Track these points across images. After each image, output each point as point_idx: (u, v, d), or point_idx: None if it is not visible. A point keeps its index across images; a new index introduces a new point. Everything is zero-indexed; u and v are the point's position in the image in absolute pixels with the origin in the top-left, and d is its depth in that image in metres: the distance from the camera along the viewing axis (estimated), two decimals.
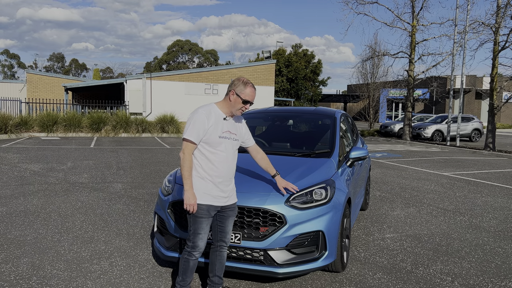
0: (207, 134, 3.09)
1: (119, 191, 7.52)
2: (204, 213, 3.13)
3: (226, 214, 3.28)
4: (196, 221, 3.13)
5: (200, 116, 3.10)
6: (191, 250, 3.17)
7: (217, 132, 3.13)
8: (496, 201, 7.49)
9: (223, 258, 3.38)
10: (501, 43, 16.31)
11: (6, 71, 72.99)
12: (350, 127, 6.03)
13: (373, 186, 8.59)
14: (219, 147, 3.15)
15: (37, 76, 27.23)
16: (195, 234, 3.14)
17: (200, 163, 3.15)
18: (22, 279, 3.76)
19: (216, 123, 3.14)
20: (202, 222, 3.14)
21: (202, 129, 3.08)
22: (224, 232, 3.31)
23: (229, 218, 3.30)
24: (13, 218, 5.62)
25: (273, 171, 3.62)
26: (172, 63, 63.52)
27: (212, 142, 3.12)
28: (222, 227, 3.30)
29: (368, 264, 4.30)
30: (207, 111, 3.14)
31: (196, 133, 3.07)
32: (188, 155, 3.08)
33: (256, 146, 3.60)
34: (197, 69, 25.37)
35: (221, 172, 3.17)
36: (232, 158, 3.25)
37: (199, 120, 3.08)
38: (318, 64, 37.76)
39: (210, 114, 3.13)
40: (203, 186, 3.13)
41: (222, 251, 3.36)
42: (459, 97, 20.66)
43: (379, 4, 21.38)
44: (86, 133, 19.61)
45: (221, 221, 3.29)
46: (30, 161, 10.82)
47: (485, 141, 16.96)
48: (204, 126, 3.08)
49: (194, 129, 3.07)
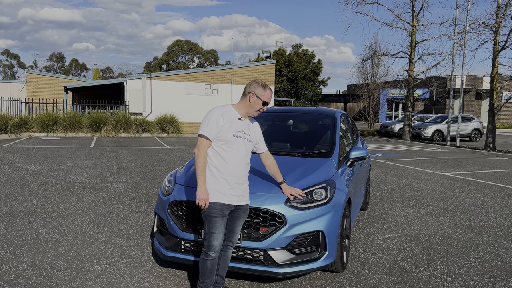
0: (221, 131, 3.16)
1: (119, 191, 7.52)
2: (218, 212, 3.14)
3: (237, 215, 3.29)
4: (210, 220, 3.15)
5: (215, 113, 3.19)
6: (207, 250, 3.19)
7: (232, 130, 3.19)
8: (496, 201, 7.48)
9: (228, 258, 3.38)
10: (501, 43, 16.31)
11: (7, 71, 72.99)
12: (350, 127, 6.03)
13: (373, 186, 8.59)
14: (233, 145, 3.20)
15: (37, 76, 27.21)
16: (210, 234, 3.16)
17: (214, 161, 3.19)
18: (22, 279, 3.76)
19: (231, 121, 3.21)
20: (216, 221, 3.15)
21: (216, 125, 3.14)
22: (232, 232, 3.33)
23: (240, 219, 3.32)
24: (13, 218, 5.62)
25: (280, 178, 3.65)
26: (172, 63, 63.53)
27: (226, 140, 3.17)
28: (232, 227, 3.31)
29: (368, 264, 4.30)
30: (222, 110, 3.23)
31: (210, 129, 3.14)
32: (202, 151, 3.14)
33: (268, 152, 3.64)
34: (197, 69, 25.36)
35: (234, 170, 3.19)
36: (244, 157, 3.27)
37: (214, 117, 3.17)
38: (318, 64, 37.78)
39: (225, 112, 3.22)
40: (216, 184, 3.16)
41: (228, 251, 3.36)
42: (459, 97, 20.66)
43: (379, 4, 21.40)
44: (86, 133, 19.61)
45: (231, 221, 3.30)
46: (30, 161, 10.82)
47: (485, 141, 16.96)
48: (218, 123, 3.15)
49: (209, 125, 3.15)
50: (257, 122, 3.53)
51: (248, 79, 25.31)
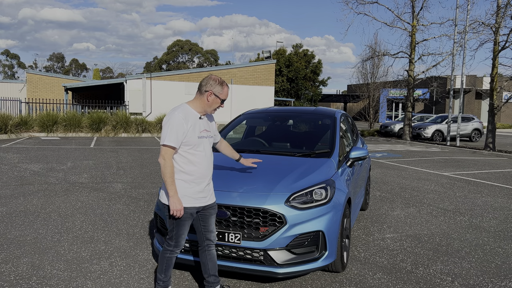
0: (186, 136, 3.05)
1: (119, 191, 7.52)
2: (188, 216, 3.16)
3: (208, 213, 3.30)
4: (179, 224, 3.15)
5: (178, 119, 3.03)
6: (174, 249, 3.22)
7: (196, 132, 3.12)
8: (496, 201, 7.48)
9: (214, 257, 3.38)
10: (501, 43, 16.30)
11: (7, 71, 72.98)
12: (350, 127, 6.03)
13: (373, 186, 8.59)
14: (199, 147, 3.14)
15: (37, 76, 27.23)
16: (178, 235, 3.19)
17: (182, 166, 3.11)
18: (22, 279, 3.76)
19: (194, 124, 3.12)
20: (185, 224, 3.18)
21: (181, 132, 3.02)
22: (209, 231, 3.33)
23: (212, 216, 3.33)
24: (13, 218, 5.62)
25: (236, 155, 3.78)
26: (172, 63, 63.54)
27: (193, 144, 3.10)
28: (206, 226, 3.32)
29: (368, 264, 4.30)
30: (183, 113, 3.08)
31: (176, 137, 3.01)
32: (169, 160, 3.03)
33: (221, 138, 3.66)
34: (197, 69, 25.37)
35: (203, 172, 3.17)
36: (210, 156, 3.27)
37: (177, 123, 3.02)
38: (318, 64, 37.78)
39: (187, 115, 3.09)
40: (185, 189, 3.12)
41: (211, 249, 3.36)
42: (459, 97, 20.66)
43: (379, 4, 21.38)
44: (86, 133, 19.61)
45: (204, 221, 3.30)
46: (30, 161, 10.82)
47: (485, 141, 16.95)
48: (183, 128, 3.03)
49: (173, 133, 3.01)
50: (211, 114, 3.44)
51: (248, 79, 25.33)
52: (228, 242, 3.52)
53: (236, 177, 3.87)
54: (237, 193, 3.60)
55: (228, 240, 3.52)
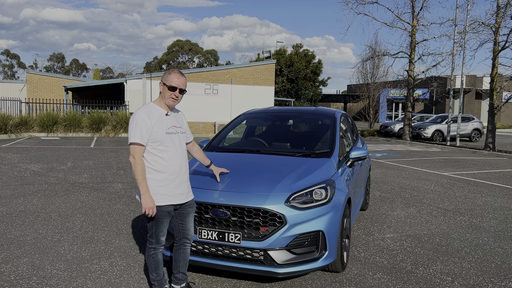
0: (153, 132, 3.09)
1: (119, 191, 7.52)
2: (165, 214, 3.16)
3: (186, 211, 3.31)
4: (158, 222, 3.16)
5: (141, 116, 3.08)
6: (156, 246, 3.23)
7: (163, 128, 3.14)
8: (496, 201, 7.49)
9: (187, 255, 3.41)
10: (501, 43, 16.30)
11: (7, 71, 73.00)
12: (350, 127, 6.03)
13: (373, 186, 8.59)
14: (168, 143, 3.16)
15: (37, 76, 27.21)
16: (158, 233, 3.20)
17: (153, 164, 3.13)
18: (22, 279, 3.76)
19: (160, 120, 3.14)
20: (164, 222, 3.19)
21: (145, 128, 3.06)
22: (187, 229, 3.34)
23: (190, 215, 3.34)
24: (13, 218, 5.62)
25: (207, 161, 3.75)
26: (172, 63, 63.52)
27: (161, 140, 3.12)
28: (184, 224, 3.33)
29: (368, 264, 4.30)
30: (147, 110, 3.13)
31: (140, 134, 3.04)
32: (138, 158, 3.05)
33: (193, 141, 3.66)
34: (197, 69, 25.36)
35: (176, 167, 3.18)
36: (181, 152, 3.27)
37: (141, 121, 3.07)
38: (318, 64, 37.76)
39: (150, 112, 3.13)
40: (160, 187, 3.12)
41: (186, 248, 3.38)
42: (459, 97, 20.66)
43: (379, 4, 21.39)
44: (86, 133, 19.61)
45: (181, 219, 3.31)
46: (30, 161, 10.82)
47: (485, 141, 16.95)
48: (147, 125, 3.07)
49: (138, 131, 3.05)
50: (182, 112, 3.49)
51: (248, 79, 25.32)
52: (228, 242, 3.52)
53: (236, 177, 3.87)
54: (237, 193, 3.60)
55: (228, 240, 3.51)
